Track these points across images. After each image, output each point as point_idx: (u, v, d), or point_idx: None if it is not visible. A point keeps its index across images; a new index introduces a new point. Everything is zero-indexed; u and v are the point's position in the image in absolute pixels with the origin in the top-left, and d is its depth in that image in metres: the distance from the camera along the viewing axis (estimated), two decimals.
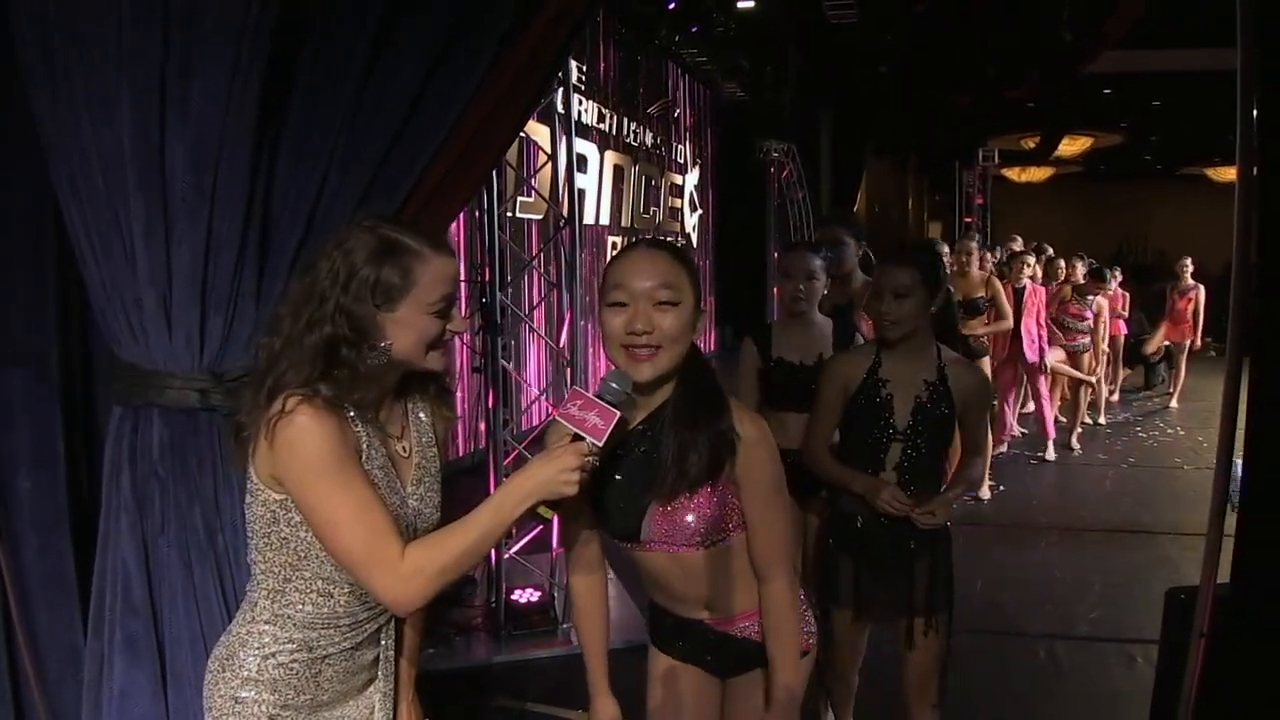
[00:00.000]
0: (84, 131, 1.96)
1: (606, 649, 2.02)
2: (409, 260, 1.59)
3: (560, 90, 4.47)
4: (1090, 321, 8.31)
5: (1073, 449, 8.26)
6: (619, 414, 1.60)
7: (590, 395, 1.61)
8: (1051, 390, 8.24)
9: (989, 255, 8.66)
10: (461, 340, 5.94)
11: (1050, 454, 7.86)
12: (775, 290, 9.62)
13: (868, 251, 4.33)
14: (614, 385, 1.64)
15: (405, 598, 1.56)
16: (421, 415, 1.78)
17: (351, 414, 1.61)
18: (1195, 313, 10.14)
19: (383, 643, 1.77)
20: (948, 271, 5.96)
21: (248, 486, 1.63)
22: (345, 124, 2.04)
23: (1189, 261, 10.48)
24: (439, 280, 1.62)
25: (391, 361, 1.62)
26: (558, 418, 1.62)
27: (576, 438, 1.59)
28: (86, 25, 1.90)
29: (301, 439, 1.52)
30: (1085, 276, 8.60)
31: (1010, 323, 6.98)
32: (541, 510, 1.59)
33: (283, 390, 1.55)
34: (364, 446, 1.61)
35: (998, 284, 6.81)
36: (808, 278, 3.44)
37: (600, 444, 1.59)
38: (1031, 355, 7.53)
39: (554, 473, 1.57)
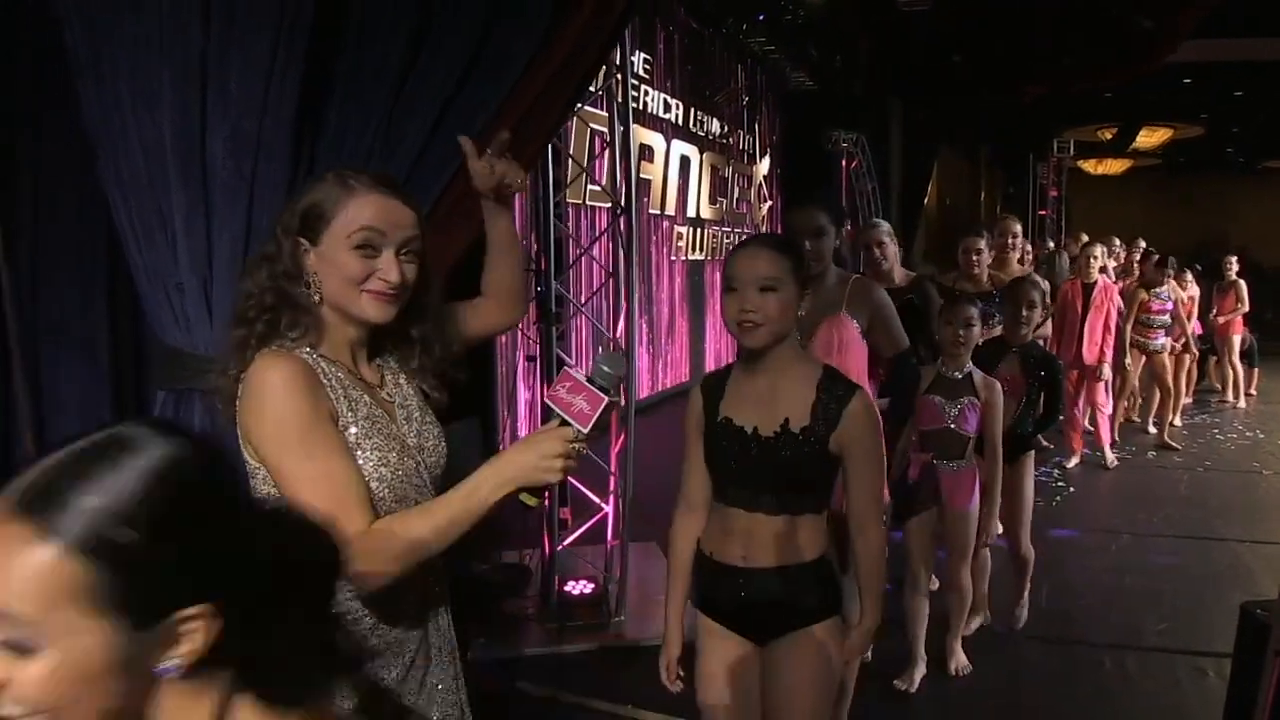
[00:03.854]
0: (127, 121, 1.97)
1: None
2: (336, 192, 1.55)
3: (618, 77, 4.39)
4: (1168, 316, 7.90)
5: (1174, 446, 8.18)
6: (606, 399, 1.51)
7: (581, 378, 1.53)
8: (1119, 395, 7.95)
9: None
10: (521, 329, 5.94)
11: (1110, 460, 7.51)
12: None
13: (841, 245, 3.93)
14: (605, 368, 1.54)
15: (366, 574, 1.50)
16: (393, 363, 1.73)
17: (325, 370, 1.56)
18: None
19: (432, 604, 1.73)
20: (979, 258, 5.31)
21: (248, 469, 1.58)
22: (384, 115, 2.03)
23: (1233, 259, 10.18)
24: (360, 213, 1.55)
25: (325, 302, 1.58)
26: (546, 399, 1.54)
27: (564, 422, 1.51)
28: (128, 16, 1.91)
29: (269, 402, 1.49)
30: (1150, 267, 8.14)
31: (1048, 327, 6.10)
32: (524, 497, 1.52)
33: (248, 331, 1.53)
34: (343, 400, 1.56)
35: (1037, 279, 6.17)
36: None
37: (585, 430, 1.51)
38: (1089, 357, 6.95)
39: (535, 459, 1.49)
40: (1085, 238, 10.57)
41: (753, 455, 2.10)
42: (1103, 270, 7.46)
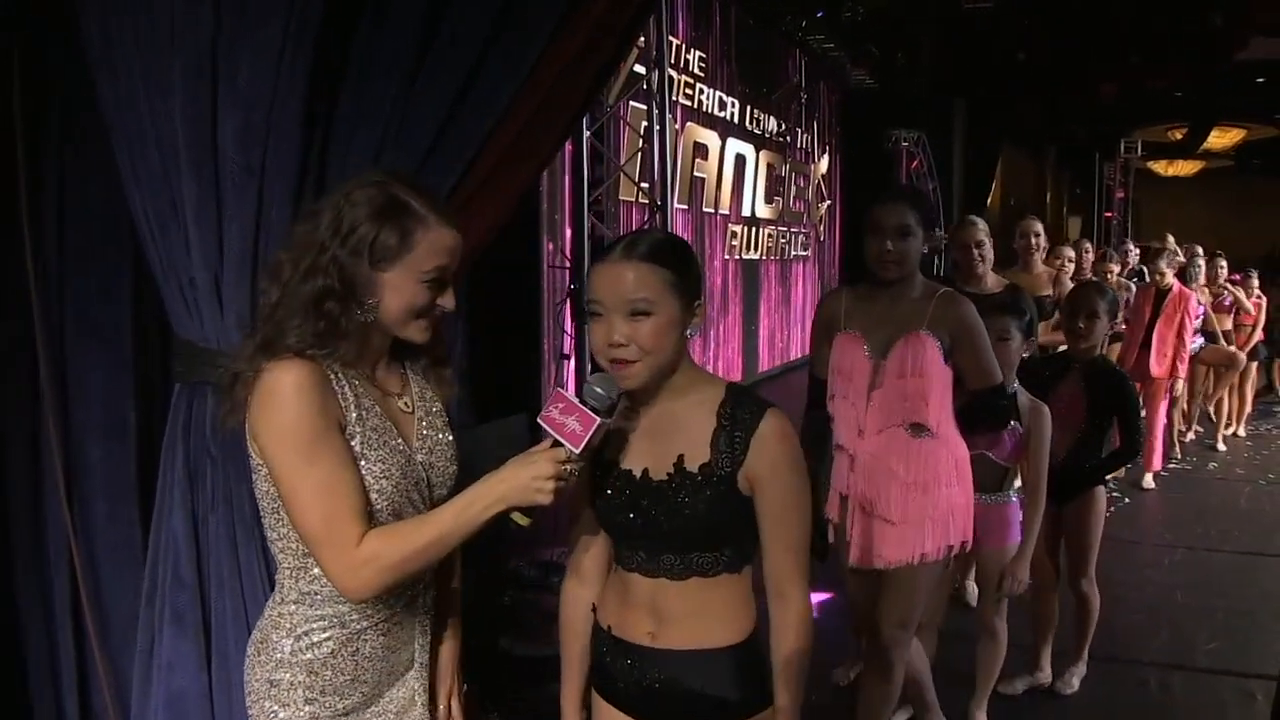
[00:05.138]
0: (141, 112, 1.99)
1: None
2: (411, 223, 1.55)
3: (656, 72, 4.37)
4: (1200, 320, 7.56)
5: (1218, 448, 8.07)
6: (599, 420, 1.50)
7: (573, 398, 1.52)
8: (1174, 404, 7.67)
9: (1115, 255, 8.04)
10: (565, 329, 5.96)
11: (1148, 483, 7.00)
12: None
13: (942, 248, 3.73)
14: (598, 390, 1.53)
15: (354, 585, 1.52)
16: (419, 374, 1.75)
17: (340, 376, 1.57)
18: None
19: (420, 615, 1.73)
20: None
21: (250, 465, 1.61)
22: (394, 110, 2.01)
23: None
24: (436, 250, 1.57)
25: (376, 322, 1.58)
26: (539, 420, 1.53)
27: (557, 443, 1.50)
28: (140, 7, 1.93)
29: (278, 407, 1.50)
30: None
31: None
32: (516, 517, 1.51)
33: (277, 342, 1.53)
34: (352, 409, 1.57)
35: (1067, 284, 5.47)
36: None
37: (578, 451, 1.50)
38: (1157, 369, 6.60)
39: (526, 480, 1.49)
40: (1171, 240, 10.24)
41: (644, 506, 1.67)
42: (1178, 275, 7.23)
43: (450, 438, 1.73)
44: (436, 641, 1.79)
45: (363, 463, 1.56)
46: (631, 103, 6.73)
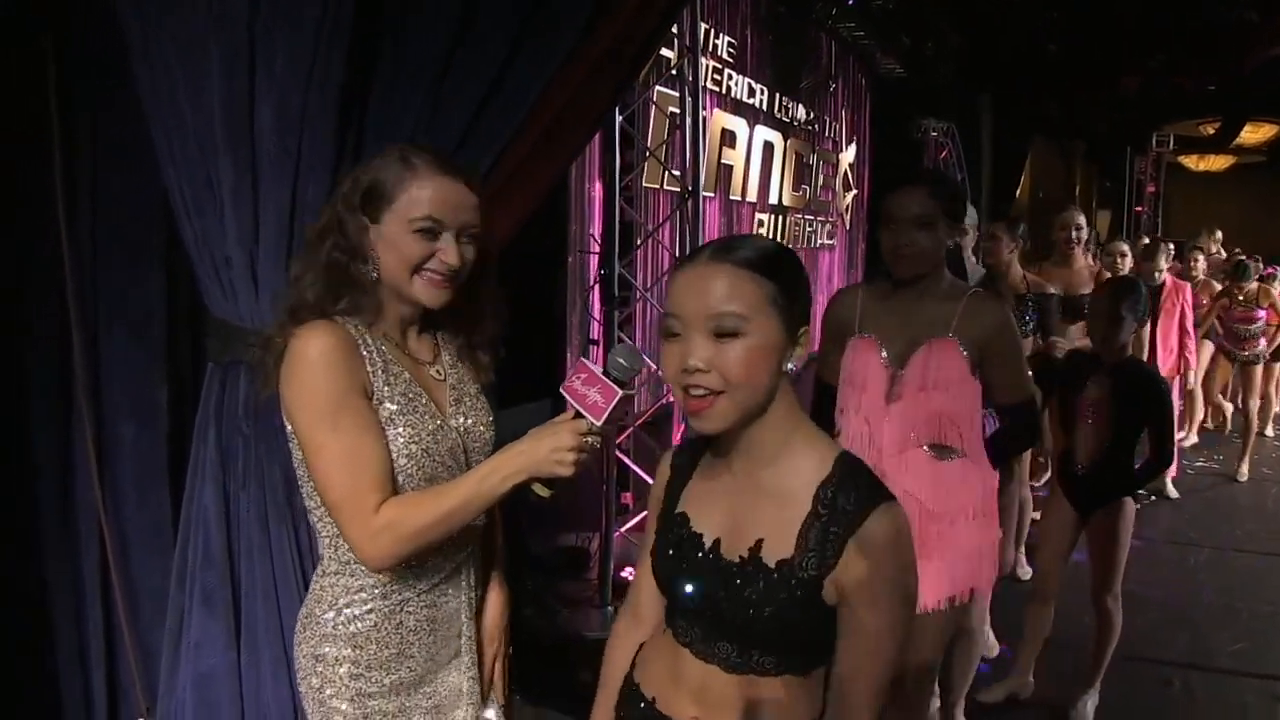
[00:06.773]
0: (179, 95, 1.99)
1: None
2: (400, 171, 1.55)
3: (688, 58, 4.36)
4: (1263, 323, 7.45)
5: (1238, 478, 7.28)
6: (621, 392, 1.51)
7: (596, 369, 1.52)
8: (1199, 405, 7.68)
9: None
10: (593, 316, 5.95)
11: (1171, 492, 6.69)
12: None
13: (1007, 237, 3.64)
14: (621, 361, 1.52)
15: (372, 552, 1.53)
16: (454, 354, 1.75)
17: (369, 342, 1.58)
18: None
19: (465, 587, 1.73)
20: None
21: (285, 435, 1.62)
22: (428, 96, 2.01)
23: None
24: (424, 198, 1.56)
25: (380, 280, 1.59)
26: (562, 391, 1.53)
27: (579, 414, 1.51)
28: None
29: (304, 373, 1.51)
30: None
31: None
32: (536, 488, 1.53)
33: (300, 306, 1.55)
34: (380, 374, 1.57)
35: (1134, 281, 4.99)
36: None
37: (599, 423, 1.50)
38: (1165, 367, 6.29)
39: (547, 451, 1.50)
40: (1219, 235, 10.10)
41: (706, 581, 1.37)
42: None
43: (484, 402, 1.74)
44: (482, 611, 1.81)
45: (391, 429, 1.57)
46: (658, 88, 6.71)
